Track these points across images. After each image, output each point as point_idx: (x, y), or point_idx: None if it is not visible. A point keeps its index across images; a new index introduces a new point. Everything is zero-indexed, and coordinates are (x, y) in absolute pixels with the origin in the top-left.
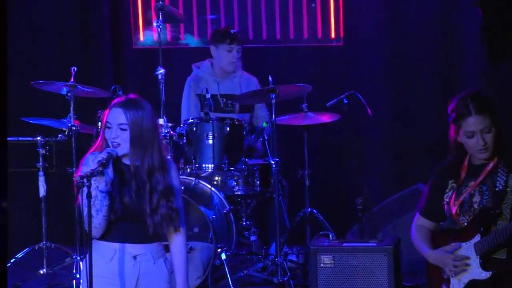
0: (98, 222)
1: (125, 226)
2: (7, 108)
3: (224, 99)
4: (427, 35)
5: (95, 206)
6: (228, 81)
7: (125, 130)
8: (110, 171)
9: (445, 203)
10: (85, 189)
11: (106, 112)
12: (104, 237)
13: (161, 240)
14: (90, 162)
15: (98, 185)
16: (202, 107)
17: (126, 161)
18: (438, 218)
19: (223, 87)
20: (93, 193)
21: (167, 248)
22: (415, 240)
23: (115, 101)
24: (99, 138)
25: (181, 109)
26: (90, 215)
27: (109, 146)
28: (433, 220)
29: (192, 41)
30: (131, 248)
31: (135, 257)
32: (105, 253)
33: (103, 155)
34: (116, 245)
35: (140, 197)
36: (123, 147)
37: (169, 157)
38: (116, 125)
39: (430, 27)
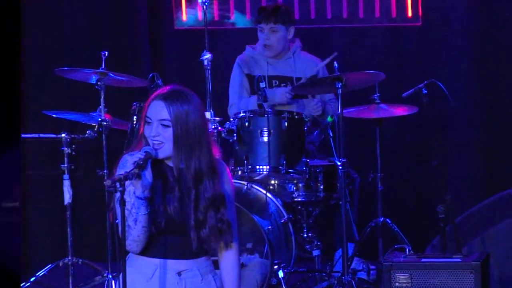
0: (137, 234)
1: (167, 240)
2: (20, 98)
3: (277, 82)
4: None
5: (132, 215)
6: (281, 62)
7: (168, 127)
8: (148, 173)
9: None
10: (117, 195)
11: (146, 105)
12: (142, 252)
13: (209, 255)
14: (128, 164)
15: (135, 190)
16: (252, 90)
17: (170, 163)
18: None
19: (273, 68)
20: (130, 200)
21: (216, 265)
22: None
23: (157, 92)
24: (139, 135)
25: (229, 92)
26: (123, 226)
27: (149, 145)
28: None
29: (243, 20)
30: (175, 264)
31: (179, 274)
32: (144, 269)
33: (140, 154)
34: (157, 261)
35: (184, 206)
36: (166, 148)
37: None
38: (157, 121)
39: None
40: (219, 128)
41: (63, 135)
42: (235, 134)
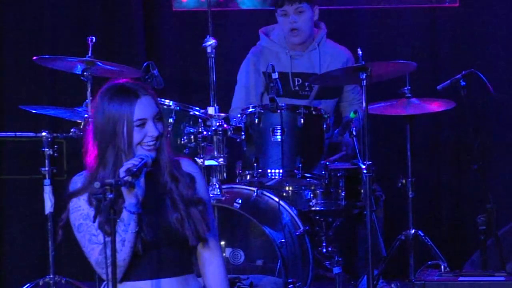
0: (122, 257)
1: (159, 254)
2: None
3: (300, 80)
4: None
5: (120, 235)
6: (305, 55)
7: (161, 120)
8: (142, 183)
9: None
10: (105, 204)
11: (125, 110)
12: (128, 276)
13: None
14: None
15: (126, 202)
16: (266, 90)
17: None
18: None
19: (298, 63)
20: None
21: None
22: None
23: (137, 90)
24: (90, 153)
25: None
26: (114, 244)
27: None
28: None
29: (252, 1)
30: (170, 285)
31: None
32: None
33: (135, 161)
34: (148, 284)
35: (175, 206)
36: (160, 146)
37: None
38: (152, 118)
39: None
40: (225, 125)
41: (43, 133)
42: (243, 133)
